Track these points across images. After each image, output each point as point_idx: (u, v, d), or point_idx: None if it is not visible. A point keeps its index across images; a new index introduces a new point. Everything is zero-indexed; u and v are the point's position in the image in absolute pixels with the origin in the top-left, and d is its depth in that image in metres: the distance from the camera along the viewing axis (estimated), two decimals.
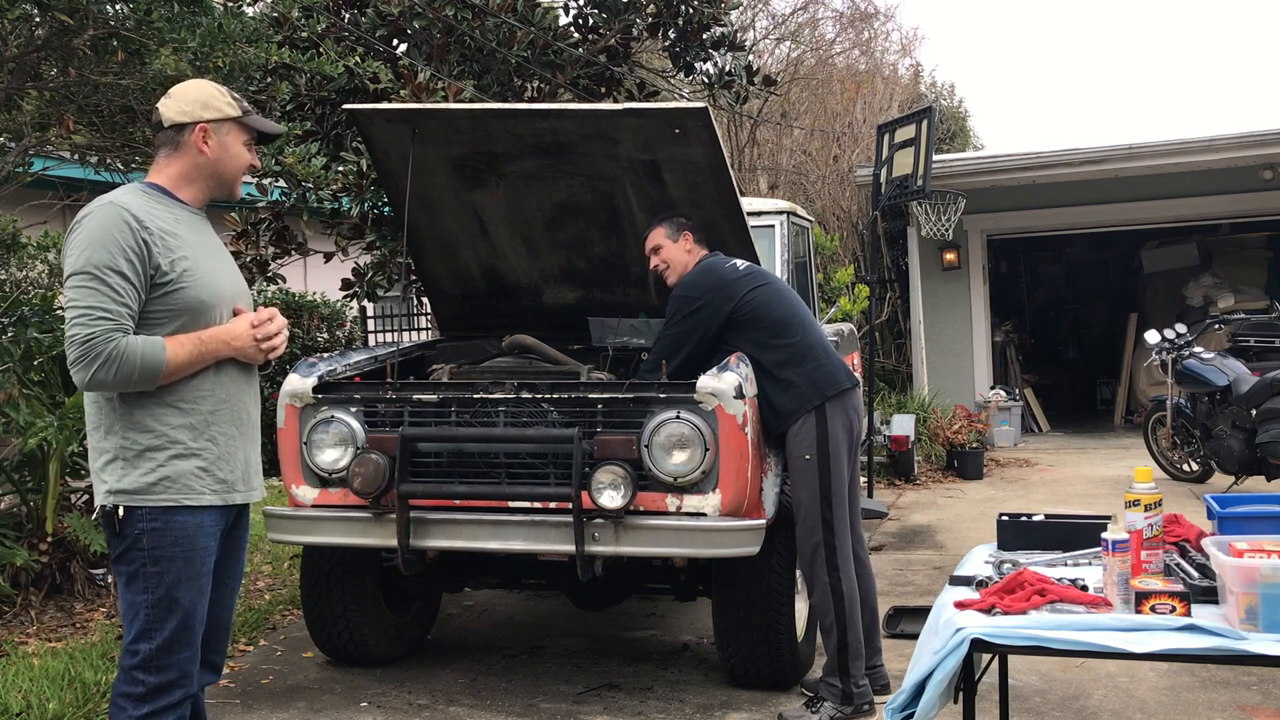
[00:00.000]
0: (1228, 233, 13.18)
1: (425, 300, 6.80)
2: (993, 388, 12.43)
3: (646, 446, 4.00)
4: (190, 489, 2.67)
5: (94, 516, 2.77)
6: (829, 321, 7.30)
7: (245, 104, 2.85)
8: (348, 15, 7.74)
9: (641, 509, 4.01)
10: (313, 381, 4.36)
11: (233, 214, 6.78)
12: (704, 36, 8.41)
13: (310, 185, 6.56)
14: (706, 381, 4.00)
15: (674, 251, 4.45)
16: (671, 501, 4.00)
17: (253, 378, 2.88)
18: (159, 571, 2.64)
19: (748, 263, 4.45)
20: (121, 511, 2.65)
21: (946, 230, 10.89)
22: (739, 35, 9.31)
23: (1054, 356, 15.29)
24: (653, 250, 4.51)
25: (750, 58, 10.68)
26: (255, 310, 2.89)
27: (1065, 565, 2.98)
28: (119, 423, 2.68)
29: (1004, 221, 12.59)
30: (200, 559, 2.69)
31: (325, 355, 4.67)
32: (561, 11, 8.37)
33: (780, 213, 6.02)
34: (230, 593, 2.90)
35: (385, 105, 5.61)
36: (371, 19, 7.49)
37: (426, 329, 7.74)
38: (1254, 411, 7.96)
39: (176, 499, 2.65)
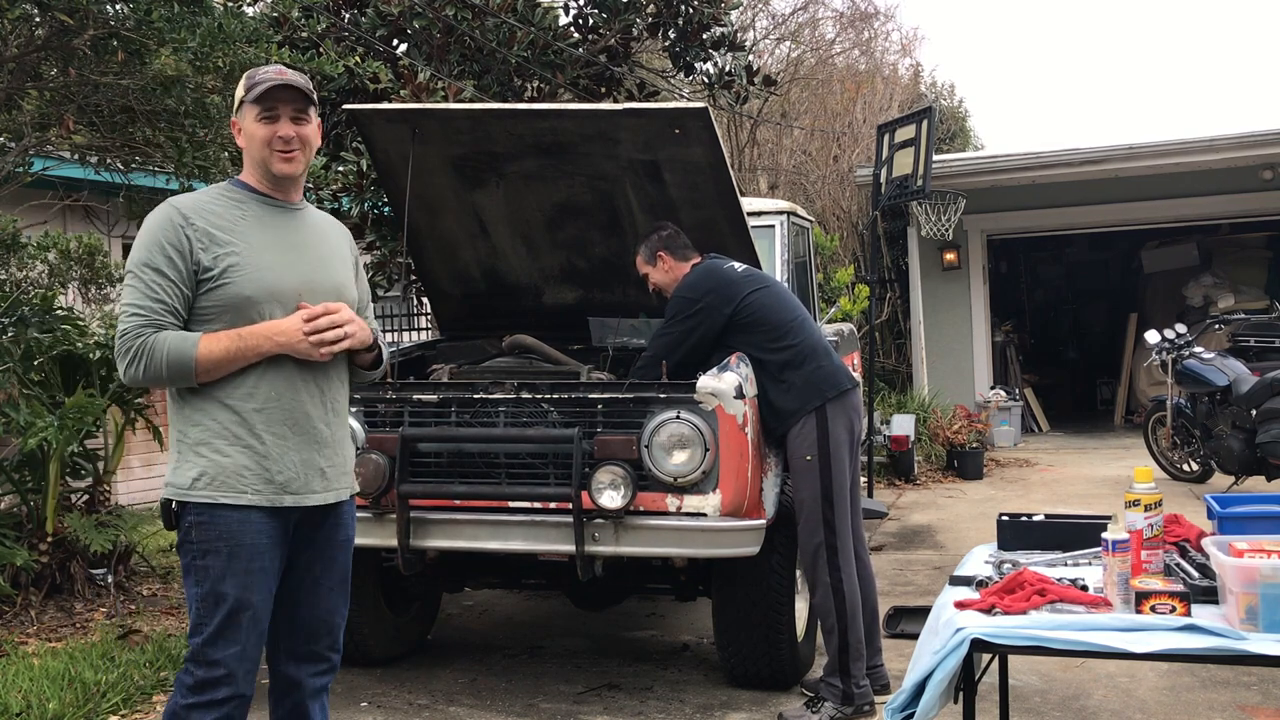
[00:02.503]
0: (1228, 233, 13.19)
1: (425, 300, 6.80)
2: (993, 388, 12.43)
3: (646, 446, 4.00)
4: (231, 486, 2.63)
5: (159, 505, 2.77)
6: (829, 321, 7.29)
7: (259, 74, 2.75)
8: (348, 15, 7.75)
9: (641, 509, 4.01)
10: None
11: None
12: (704, 36, 8.42)
13: (310, 185, 6.57)
14: (706, 382, 4.00)
15: (656, 275, 4.50)
16: (671, 501, 4.00)
17: (318, 378, 2.75)
18: (206, 565, 2.63)
19: (746, 265, 4.46)
20: (174, 504, 2.67)
21: (946, 230, 10.89)
22: (739, 35, 9.31)
23: (1054, 356, 15.30)
24: (642, 276, 4.57)
25: (750, 58, 10.68)
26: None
27: (1065, 565, 2.98)
28: (178, 415, 2.70)
29: (1004, 221, 12.60)
30: (248, 555, 2.63)
31: None
32: (561, 11, 8.38)
33: (780, 213, 6.02)
34: (327, 591, 2.84)
35: (385, 105, 5.61)
36: (371, 19, 7.49)
37: (426, 329, 7.75)
38: (1254, 411, 7.96)
39: (215, 495, 2.62)
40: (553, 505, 4.09)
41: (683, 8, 8.30)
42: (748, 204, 5.47)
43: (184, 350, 2.59)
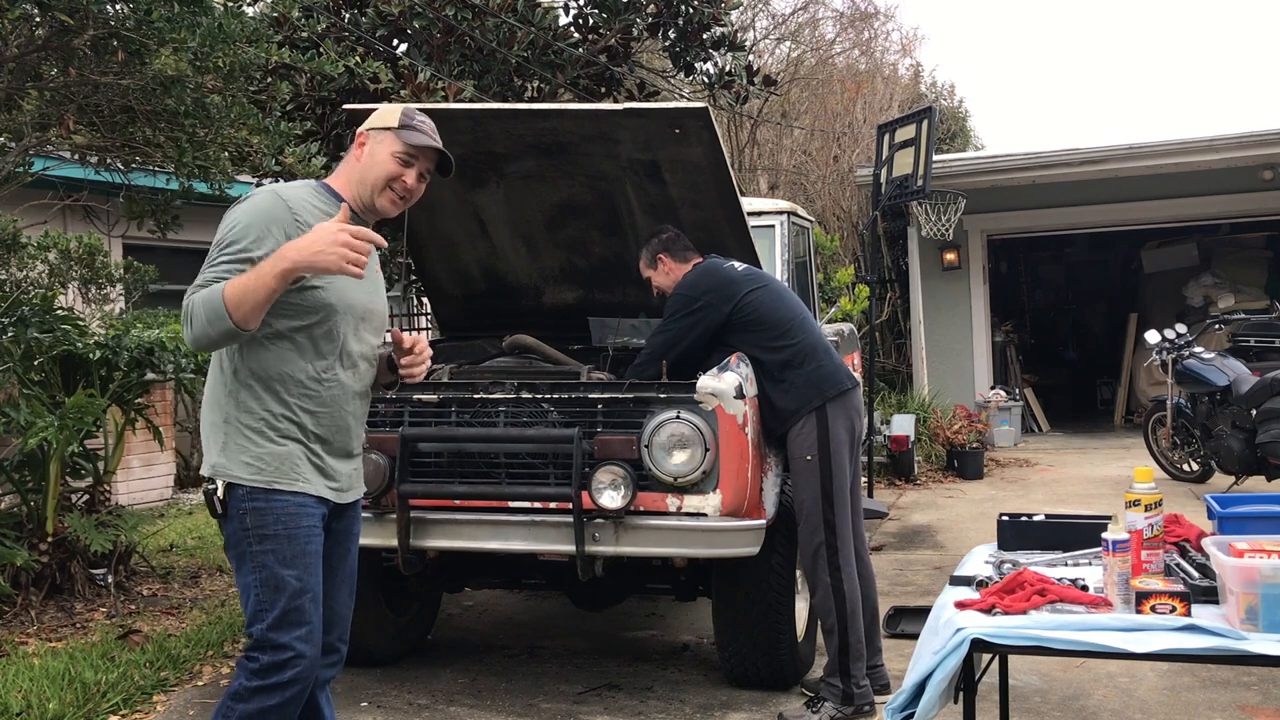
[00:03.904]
0: (1228, 233, 13.19)
1: (425, 300, 6.80)
2: (993, 388, 12.43)
3: (646, 446, 4.00)
4: (285, 473, 2.69)
5: (202, 492, 2.81)
6: (829, 321, 7.29)
7: (418, 120, 2.81)
8: (348, 15, 7.74)
9: (642, 509, 4.01)
10: None
11: None
12: (704, 36, 8.40)
13: None
14: (706, 381, 4.00)
15: (658, 278, 4.52)
16: (672, 501, 4.00)
17: (361, 391, 2.87)
18: (264, 550, 2.67)
19: (746, 265, 4.46)
20: (221, 491, 2.69)
21: (946, 230, 10.90)
22: (739, 35, 9.29)
23: (1054, 356, 15.31)
24: (645, 280, 4.59)
25: (750, 58, 10.67)
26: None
27: (1065, 565, 2.98)
28: (229, 400, 2.72)
29: (1004, 221, 12.60)
30: (304, 538, 2.70)
31: None
32: (561, 11, 8.37)
33: (780, 213, 6.02)
34: (339, 583, 2.92)
35: (385, 105, 5.61)
36: (371, 19, 7.49)
37: (426, 329, 7.74)
38: (1254, 411, 7.96)
39: (272, 480, 2.68)
40: (553, 505, 4.09)
41: (683, 8, 8.29)
42: (748, 204, 5.47)
43: (212, 294, 2.54)
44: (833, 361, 4.24)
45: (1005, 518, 3.26)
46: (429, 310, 6.79)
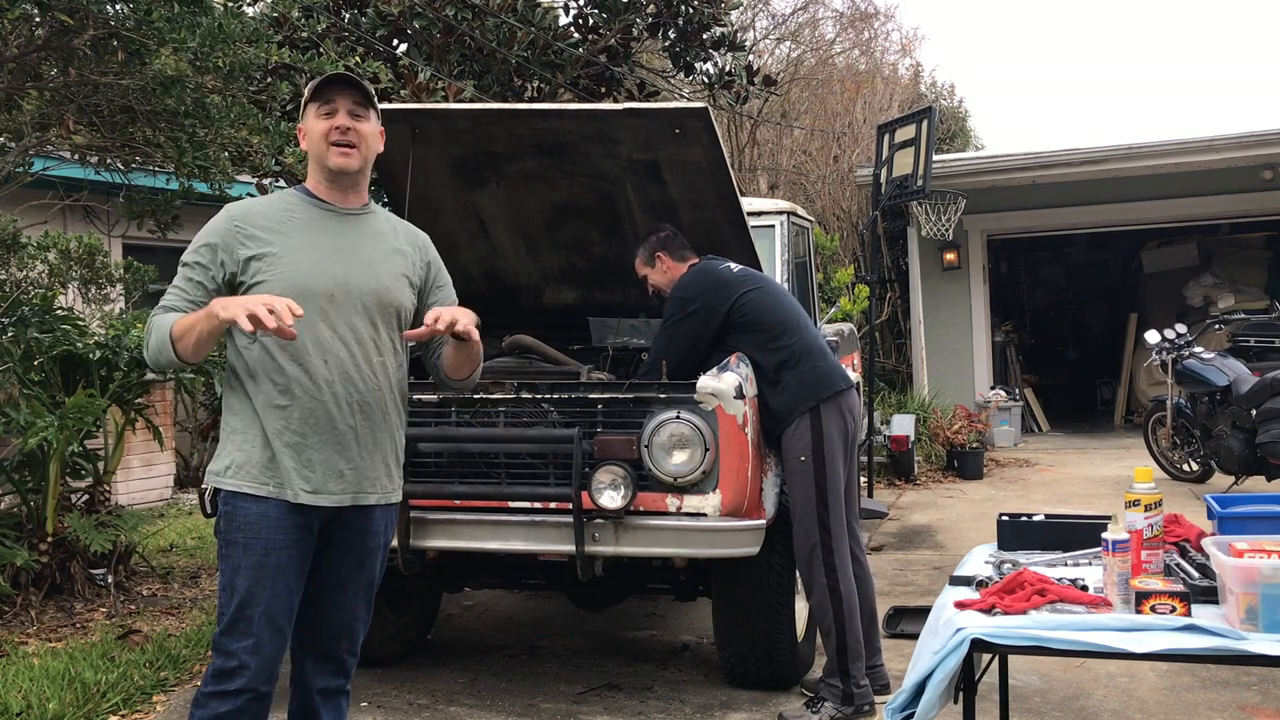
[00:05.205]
0: (1228, 233, 13.19)
1: None
2: (993, 388, 12.43)
3: (646, 446, 3.99)
4: (254, 477, 2.67)
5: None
6: (829, 321, 7.29)
7: (320, 81, 2.82)
8: (348, 15, 7.75)
9: (641, 509, 4.00)
10: None
11: None
12: (704, 36, 8.42)
13: None
14: (706, 382, 4.00)
15: (655, 276, 4.51)
16: (671, 502, 4.00)
17: (345, 382, 2.71)
18: (227, 555, 2.69)
19: (742, 265, 4.46)
20: (209, 491, 2.77)
21: (946, 230, 10.90)
22: (739, 35, 9.31)
23: (1054, 356, 15.31)
24: (641, 278, 4.58)
25: (750, 58, 10.67)
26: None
27: (1065, 565, 2.97)
28: (224, 405, 2.79)
29: (1004, 221, 12.60)
30: (262, 549, 2.65)
31: None
32: (561, 11, 8.38)
33: (780, 213, 6.01)
34: (351, 595, 2.84)
35: (385, 105, 5.61)
36: (371, 19, 7.50)
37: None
38: (1254, 411, 7.96)
39: (240, 484, 2.67)
40: (553, 505, 4.09)
41: (683, 8, 8.30)
42: (748, 204, 5.47)
43: (164, 324, 2.64)
44: (828, 363, 4.24)
45: (1005, 518, 3.26)
46: None
